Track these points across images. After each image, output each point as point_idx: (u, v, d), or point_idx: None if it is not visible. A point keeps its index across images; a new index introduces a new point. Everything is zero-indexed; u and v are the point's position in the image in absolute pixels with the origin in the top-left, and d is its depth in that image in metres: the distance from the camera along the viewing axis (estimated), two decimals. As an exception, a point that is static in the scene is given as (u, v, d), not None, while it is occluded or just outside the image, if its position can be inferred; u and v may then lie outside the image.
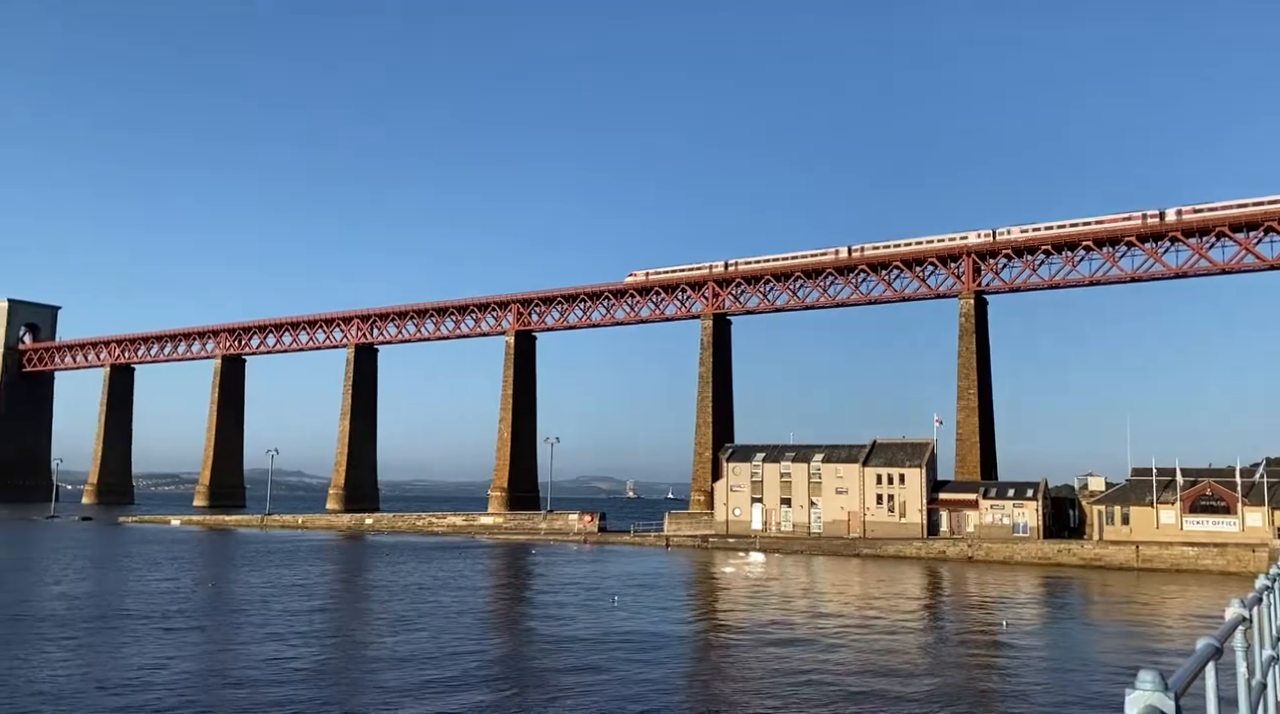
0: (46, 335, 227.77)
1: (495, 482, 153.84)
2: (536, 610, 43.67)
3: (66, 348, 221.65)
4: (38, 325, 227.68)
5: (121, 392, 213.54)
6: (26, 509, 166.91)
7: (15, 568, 62.21)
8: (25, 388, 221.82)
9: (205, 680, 26.41)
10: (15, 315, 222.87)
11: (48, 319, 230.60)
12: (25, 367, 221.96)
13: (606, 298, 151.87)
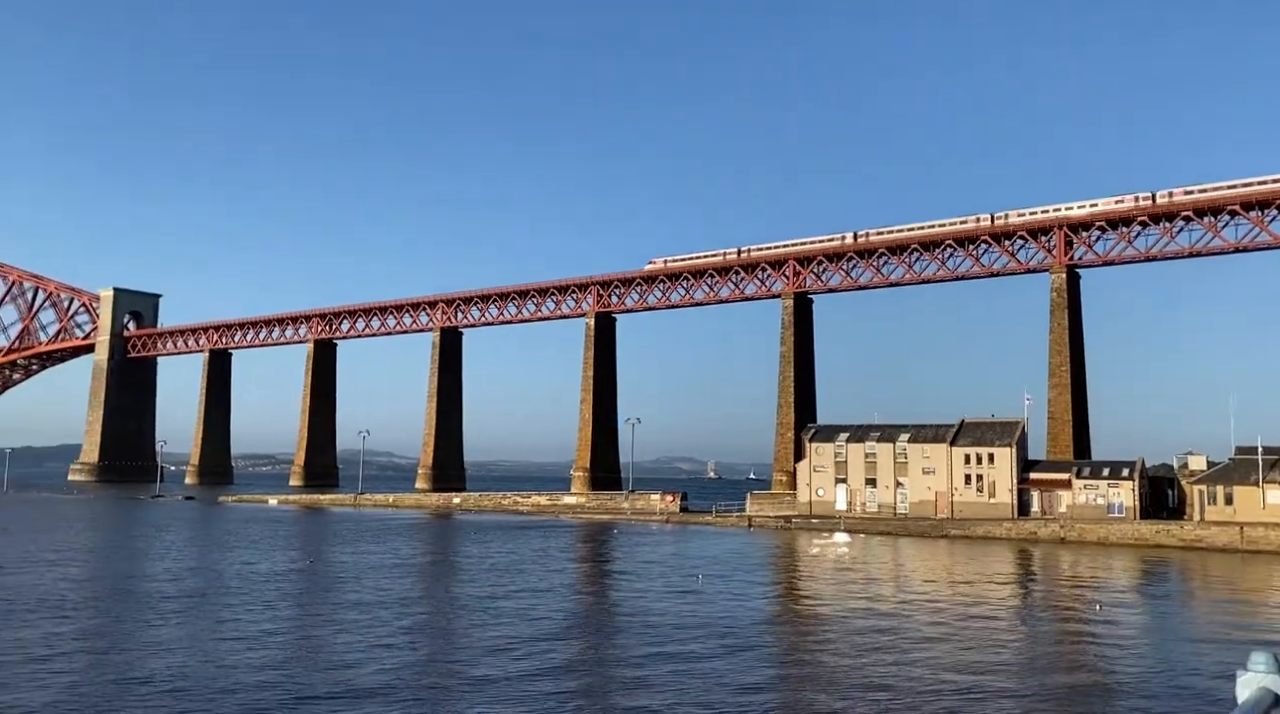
0: (149, 322, 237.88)
1: (577, 462, 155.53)
2: (621, 589, 44.14)
3: (168, 334, 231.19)
4: (141, 313, 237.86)
5: (220, 376, 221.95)
6: (134, 489, 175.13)
7: (124, 546, 65.42)
8: (130, 373, 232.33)
9: (302, 654, 27.42)
10: (120, 304, 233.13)
11: (150, 307, 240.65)
12: (130, 352, 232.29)
13: (686, 279, 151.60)
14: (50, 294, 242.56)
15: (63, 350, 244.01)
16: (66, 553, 58.26)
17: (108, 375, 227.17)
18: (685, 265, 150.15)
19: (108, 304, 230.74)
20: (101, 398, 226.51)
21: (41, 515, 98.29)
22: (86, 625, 31.81)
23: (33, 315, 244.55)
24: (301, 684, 23.49)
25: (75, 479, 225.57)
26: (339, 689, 22.98)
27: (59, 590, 40.32)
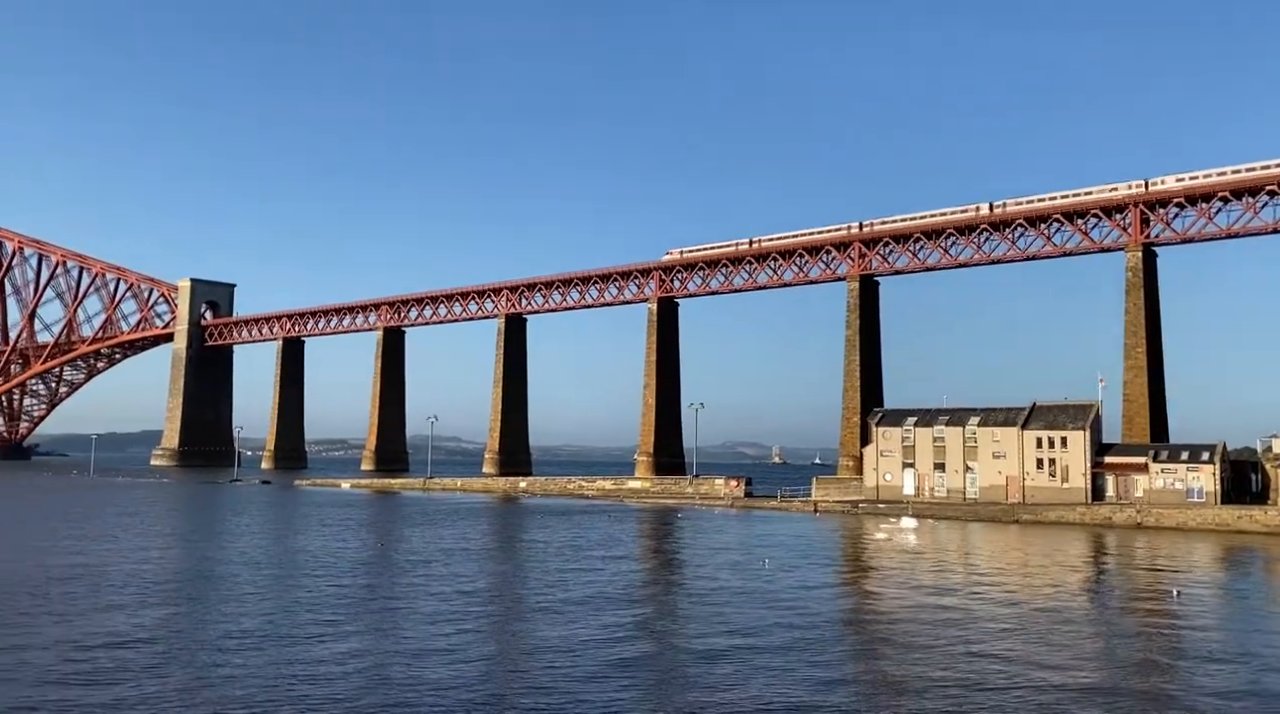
0: (225, 312, 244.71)
1: (641, 447, 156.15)
2: (687, 573, 44.35)
3: (243, 323, 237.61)
4: (217, 303, 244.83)
5: (293, 363, 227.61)
6: (212, 473, 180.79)
7: (205, 528, 67.66)
8: (208, 361, 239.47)
9: (374, 635, 28.12)
10: (197, 294, 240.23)
11: (225, 297, 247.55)
12: (207, 341, 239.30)
13: (748, 262, 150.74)
14: (131, 285, 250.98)
15: (144, 339, 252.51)
16: (150, 536, 60.48)
17: (186, 363, 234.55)
18: (748, 249, 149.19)
19: (185, 294, 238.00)
20: (181, 385, 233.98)
21: (125, 499, 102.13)
22: (166, 606, 33.03)
23: (115, 306, 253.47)
24: (378, 665, 24.13)
25: (157, 464, 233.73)
26: (412, 674, 23.54)
27: (142, 572, 41.93)
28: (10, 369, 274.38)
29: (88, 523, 68.44)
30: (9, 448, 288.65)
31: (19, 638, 26.51)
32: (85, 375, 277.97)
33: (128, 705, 19.62)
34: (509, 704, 20.04)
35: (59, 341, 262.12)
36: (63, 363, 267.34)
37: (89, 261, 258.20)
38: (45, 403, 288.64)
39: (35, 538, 56.53)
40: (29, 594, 34.40)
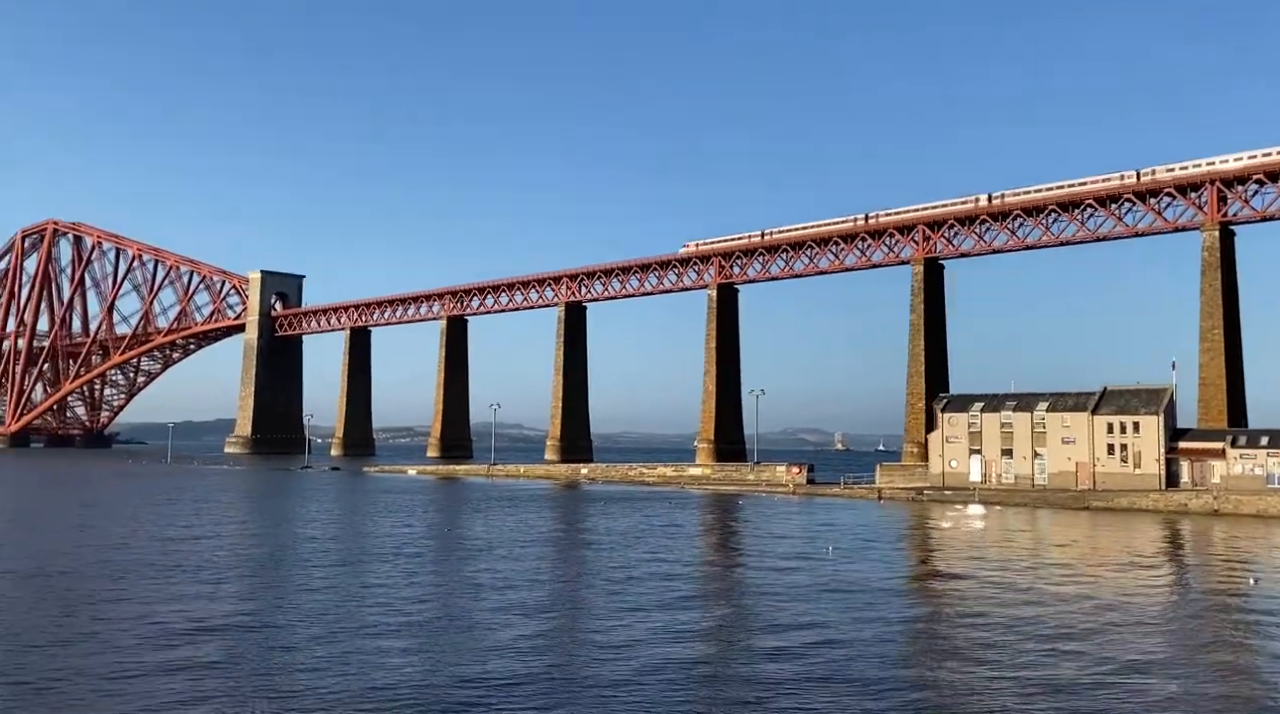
0: (294, 302, 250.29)
1: (701, 434, 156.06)
2: (750, 559, 44.35)
3: (311, 313, 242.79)
4: (286, 294, 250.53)
5: (360, 352, 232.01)
6: (284, 460, 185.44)
7: (278, 513, 69.51)
8: (278, 350, 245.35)
9: (439, 621, 28.67)
10: (267, 285, 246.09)
11: (294, 288, 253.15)
12: (277, 331, 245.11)
13: (809, 247, 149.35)
14: (204, 277, 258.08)
15: (216, 330, 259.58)
16: (225, 521, 62.30)
17: (258, 353, 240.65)
18: (808, 233, 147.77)
19: (256, 286, 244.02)
20: (252, 375, 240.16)
21: (201, 485, 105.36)
22: (241, 589, 34.07)
23: (189, 297, 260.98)
24: (443, 649, 24.61)
25: (231, 451, 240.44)
26: (477, 662, 23.94)
27: (218, 556, 43.29)
28: (91, 360, 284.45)
29: (166, 508, 70.81)
30: (91, 436, 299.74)
31: (101, 622, 27.58)
32: (161, 366, 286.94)
33: (204, 690, 20.31)
34: (568, 697, 20.30)
35: (136, 333, 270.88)
36: (140, 354, 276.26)
37: (164, 255, 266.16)
38: (124, 392, 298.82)
39: (117, 523, 58.68)
40: (111, 577, 35.76)
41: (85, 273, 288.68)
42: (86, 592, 32.15)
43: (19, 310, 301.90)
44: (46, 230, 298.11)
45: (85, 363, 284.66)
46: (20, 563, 39.37)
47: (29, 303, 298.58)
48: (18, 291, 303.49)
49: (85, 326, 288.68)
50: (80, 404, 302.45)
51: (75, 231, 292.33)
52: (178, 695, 19.42)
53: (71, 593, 31.90)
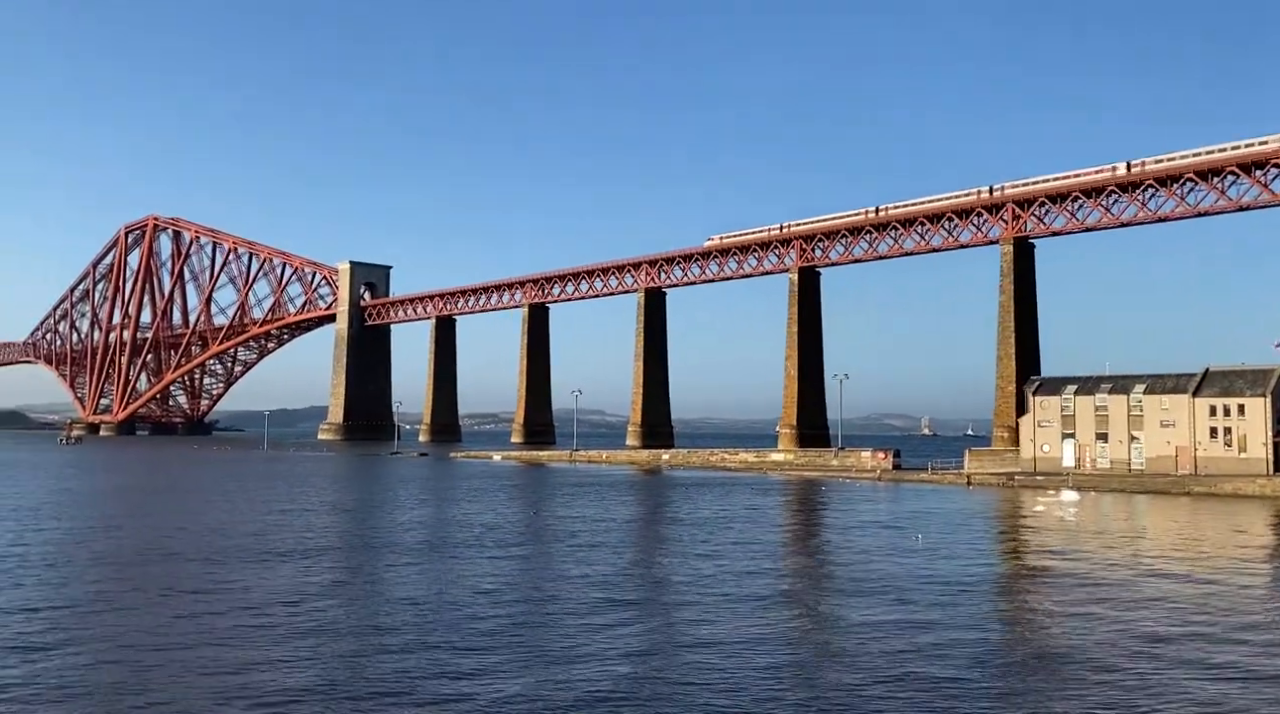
0: (382, 292, 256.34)
1: (784, 419, 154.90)
2: (835, 546, 43.86)
3: (398, 303, 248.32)
4: (374, 284, 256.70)
5: (446, 340, 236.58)
6: (374, 446, 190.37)
7: (370, 498, 71.36)
8: (368, 339, 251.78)
9: (526, 607, 29.02)
10: (356, 276, 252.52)
11: (382, 278, 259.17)
12: (366, 321, 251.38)
13: (894, 228, 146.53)
14: (296, 269, 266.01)
15: (309, 320, 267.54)
16: (316, 507, 64.19)
17: (348, 342, 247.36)
18: (898, 212, 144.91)
19: (345, 276, 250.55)
20: (344, 363, 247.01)
21: (296, 471, 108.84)
22: (334, 573, 35.04)
23: (282, 289, 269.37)
24: (531, 633, 24.92)
25: (324, 438, 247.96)
26: (566, 643, 24.16)
27: (311, 540, 44.62)
28: (191, 350, 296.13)
29: (262, 493, 73.37)
30: (193, 424, 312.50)
31: (200, 603, 28.68)
32: (257, 355, 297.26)
33: (297, 675, 20.89)
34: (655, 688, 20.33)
35: (233, 324, 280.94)
36: (237, 344, 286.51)
37: (257, 248, 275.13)
38: (222, 381, 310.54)
39: (216, 507, 61.03)
40: (209, 560, 37.17)
41: (184, 267, 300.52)
42: (186, 573, 33.50)
43: (124, 303, 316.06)
44: (148, 226, 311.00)
45: (186, 353, 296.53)
46: (127, 544, 41.26)
47: (132, 296, 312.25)
48: (122, 286, 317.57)
49: (185, 318, 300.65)
50: (182, 393, 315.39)
51: (174, 227, 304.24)
52: (270, 680, 20.06)
53: (172, 575, 33.27)
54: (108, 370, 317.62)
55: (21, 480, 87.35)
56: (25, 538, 43.25)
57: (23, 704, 17.59)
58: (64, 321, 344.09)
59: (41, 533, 45.34)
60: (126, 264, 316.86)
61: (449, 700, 18.34)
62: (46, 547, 40.27)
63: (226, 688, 18.89)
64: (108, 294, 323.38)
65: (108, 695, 18.36)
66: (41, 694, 18.29)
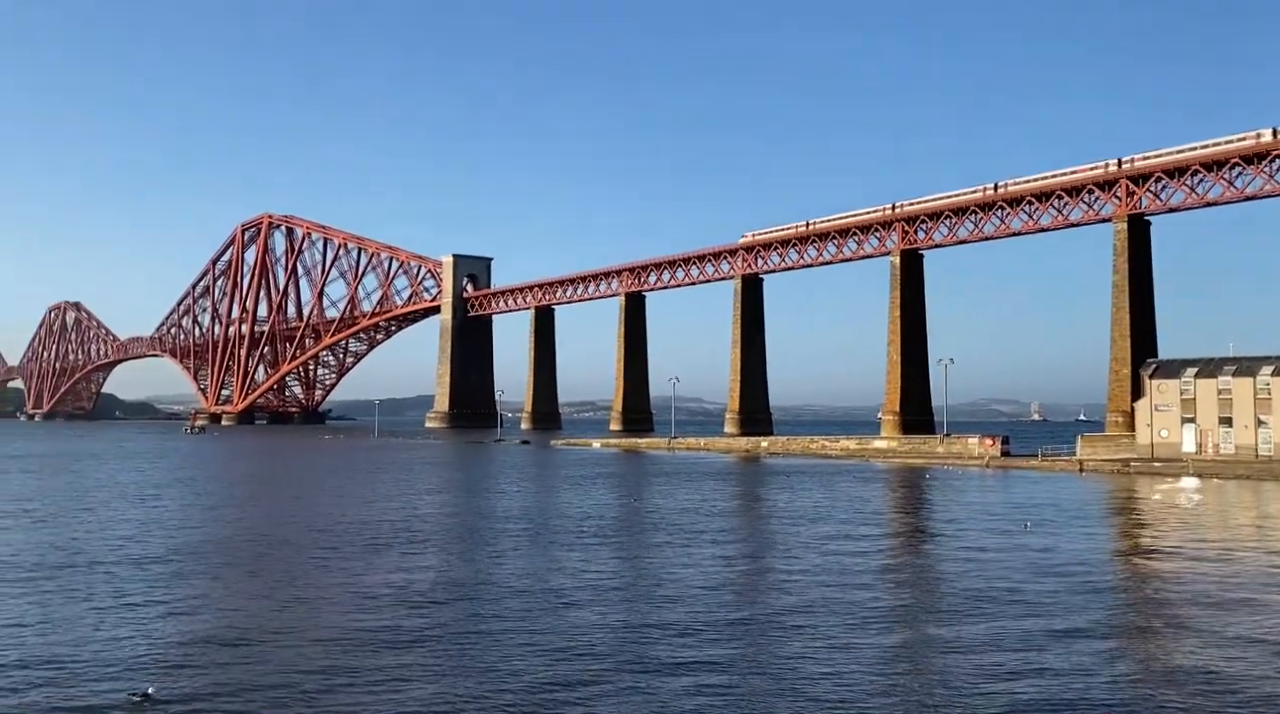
0: (484, 284, 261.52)
1: (886, 406, 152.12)
2: (942, 534, 43.02)
3: (500, 294, 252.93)
4: (476, 275, 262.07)
5: (545, 329, 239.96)
6: (478, 434, 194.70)
7: (476, 484, 73.13)
8: (471, 330, 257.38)
9: (629, 600, 29.39)
10: (459, 268, 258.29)
11: (483, 269, 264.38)
12: (469, 312, 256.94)
13: (1000, 208, 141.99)
14: (402, 263, 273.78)
15: (415, 312, 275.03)
16: (425, 493, 66.08)
17: (452, 333, 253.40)
18: (1005, 191, 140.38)
19: (449, 269, 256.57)
20: (448, 353, 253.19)
21: (405, 458, 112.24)
22: (441, 559, 36.09)
23: (389, 282, 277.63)
24: (635, 622, 25.24)
25: (430, 426, 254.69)
26: (671, 632, 24.38)
27: (420, 526, 46.01)
28: (305, 343, 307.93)
29: (373, 479, 75.95)
30: (307, 413, 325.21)
31: (309, 589, 29.91)
32: (367, 346, 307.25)
33: (406, 661, 21.65)
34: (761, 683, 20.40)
35: (344, 317, 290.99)
36: (348, 336, 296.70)
37: (366, 243, 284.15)
38: (335, 372, 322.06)
39: (330, 494, 63.48)
40: (322, 545, 38.73)
41: (297, 262, 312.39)
42: (301, 559, 35.01)
43: (241, 298, 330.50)
44: (263, 224, 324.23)
45: (300, 345, 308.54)
46: (245, 529, 43.38)
47: (249, 291, 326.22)
48: (240, 281, 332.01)
49: (299, 312, 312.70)
50: (297, 383, 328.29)
51: (288, 224, 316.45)
52: (382, 668, 20.83)
53: (287, 560, 34.83)
54: (228, 362, 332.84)
55: (154, 467, 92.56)
56: (151, 529, 45.82)
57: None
58: (187, 316, 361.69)
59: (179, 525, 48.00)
60: (243, 261, 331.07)
61: (557, 688, 18.79)
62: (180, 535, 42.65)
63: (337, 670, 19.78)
64: (226, 290, 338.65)
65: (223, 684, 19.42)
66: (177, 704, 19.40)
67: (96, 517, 48.42)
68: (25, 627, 23.31)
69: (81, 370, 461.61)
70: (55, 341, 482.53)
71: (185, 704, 17.25)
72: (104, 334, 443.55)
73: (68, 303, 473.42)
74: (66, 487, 68.79)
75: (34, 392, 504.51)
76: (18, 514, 49.65)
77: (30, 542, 39.04)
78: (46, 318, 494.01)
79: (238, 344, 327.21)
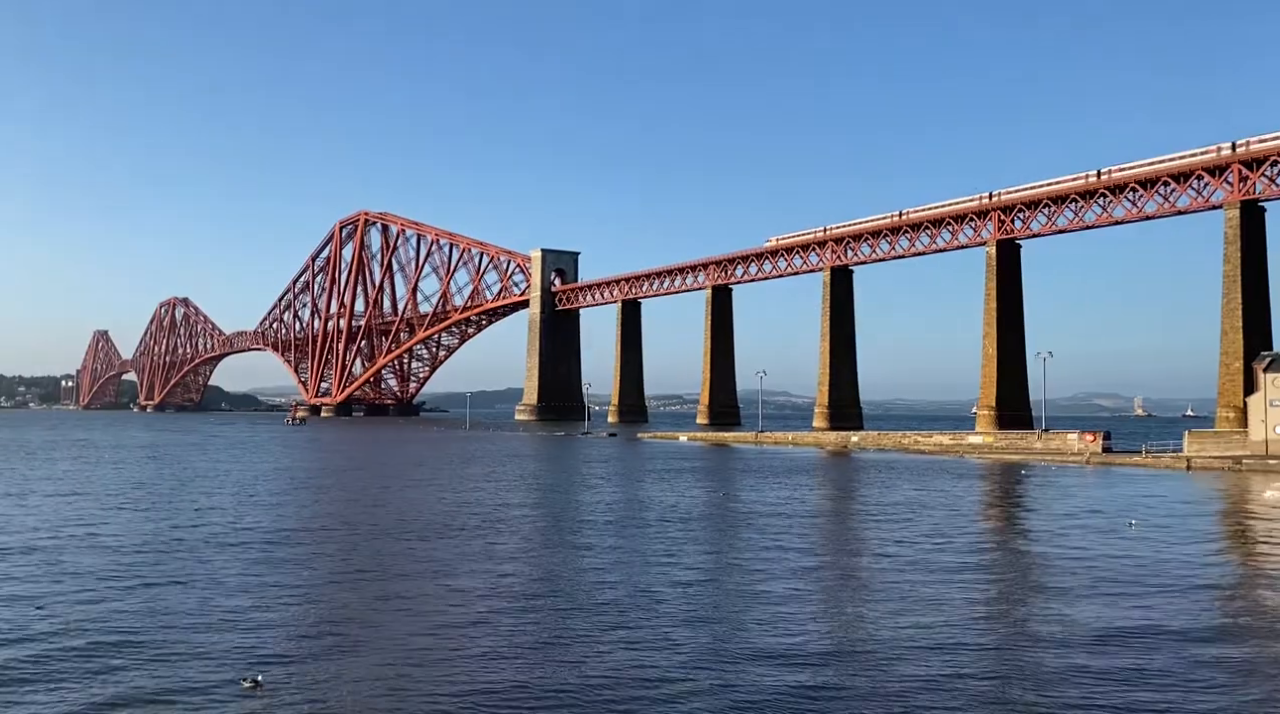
0: (571, 278, 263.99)
1: (981, 400, 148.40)
2: (1040, 532, 41.72)
3: (587, 287, 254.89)
4: (564, 270, 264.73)
5: (632, 323, 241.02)
6: (566, 426, 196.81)
7: (565, 477, 73.87)
8: (558, 323, 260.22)
9: (720, 584, 29.26)
10: (547, 262, 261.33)
11: (571, 264, 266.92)
12: (557, 305, 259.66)
13: (1103, 195, 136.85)
14: (492, 258, 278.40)
15: (504, 306, 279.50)
16: (516, 485, 66.99)
17: (540, 326, 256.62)
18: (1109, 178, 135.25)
19: (537, 263, 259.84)
20: (537, 347, 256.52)
21: (496, 450, 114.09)
22: (533, 551, 36.50)
23: (480, 277, 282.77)
24: (725, 619, 25.14)
25: (520, 418, 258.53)
26: (761, 630, 24.20)
27: (504, 516, 46.65)
28: (400, 336, 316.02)
29: (465, 468, 77.40)
30: (402, 405, 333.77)
31: (403, 579, 30.56)
32: (458, 340, 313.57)
33: (494, 656, 21.93)
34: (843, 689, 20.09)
35: (436, 311, 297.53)
36: (440, 330, 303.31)
37: (457, 238, 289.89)
38: (428, 365, 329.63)
39: (420, 483, 64.93)
40: (414, 536, 39.59)
41: (392, 258, 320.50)
42: (394, 548, 35.86)
43: (339, 294, 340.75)
44: (359, 221, 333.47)
45: (395, 339, 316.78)
46: (342, 518, 44.68)
47: (347, 287, 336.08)
48: (338, 277, 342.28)
49: (394, 306, 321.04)
50: (392, 376, 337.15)
51: (383, 220, 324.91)
52: (473, 658, 21.16)
53: (381, 549, 35.72)
54: (326, 356, 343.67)
55: (256, 456, 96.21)
56: (252, 516, 47.52)
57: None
58: (288, 311, 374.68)
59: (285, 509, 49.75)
60: (341, 257, 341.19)
61: (646, 684, 18.82)
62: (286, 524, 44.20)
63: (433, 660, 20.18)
64: (325, 285, 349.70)
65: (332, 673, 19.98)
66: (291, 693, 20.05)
67: (201, 504, 50.53)
68: (130, 613, 24.36)
69: (190, 363, 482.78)
70: (165, 336, 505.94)
71: (295, 692, 17.76)
72: (211, 329, 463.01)
73: (177, 299, 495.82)
74: (177, 476, 71.99)
75: (145, 384, 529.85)
76: (132, 501, 52.13)
77: (137, 529, 40.94)
78: (157, 313, 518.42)
79: (336, 338, 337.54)
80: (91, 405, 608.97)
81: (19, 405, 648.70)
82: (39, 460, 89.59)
